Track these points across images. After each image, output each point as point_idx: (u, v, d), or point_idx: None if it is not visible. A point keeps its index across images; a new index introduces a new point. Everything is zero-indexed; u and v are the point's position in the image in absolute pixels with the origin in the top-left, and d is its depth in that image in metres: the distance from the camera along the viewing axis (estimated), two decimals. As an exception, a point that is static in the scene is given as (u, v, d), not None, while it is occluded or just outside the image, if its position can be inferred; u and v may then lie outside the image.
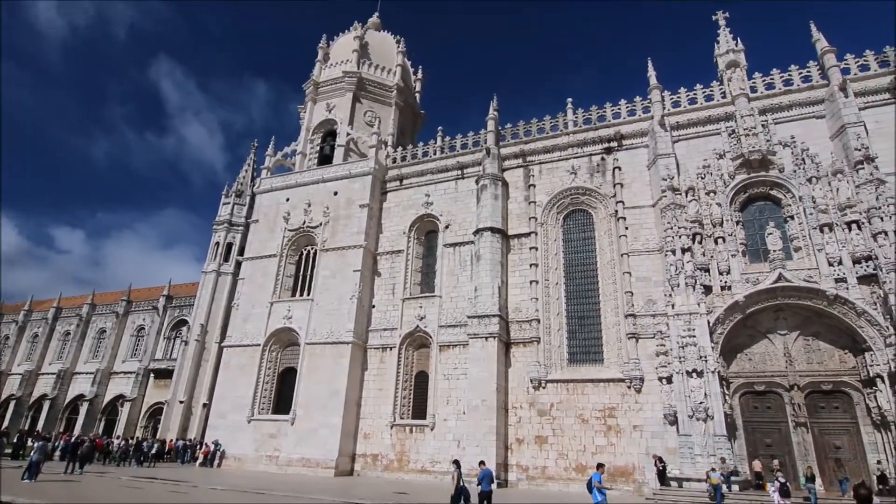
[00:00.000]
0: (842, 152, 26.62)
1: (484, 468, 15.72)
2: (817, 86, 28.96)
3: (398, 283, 34.56)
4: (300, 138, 43.43)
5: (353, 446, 31.33)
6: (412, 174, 37.87)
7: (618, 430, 26.32)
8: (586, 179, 32.36)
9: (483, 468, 15.76)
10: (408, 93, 47.08)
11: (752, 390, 25.67)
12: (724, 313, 25.27)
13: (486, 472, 15.45)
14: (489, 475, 15.38)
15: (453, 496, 14.81)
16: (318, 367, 32.54)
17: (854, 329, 23.70)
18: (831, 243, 25.00)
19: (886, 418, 22.29)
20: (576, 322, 29.95)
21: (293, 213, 38.36)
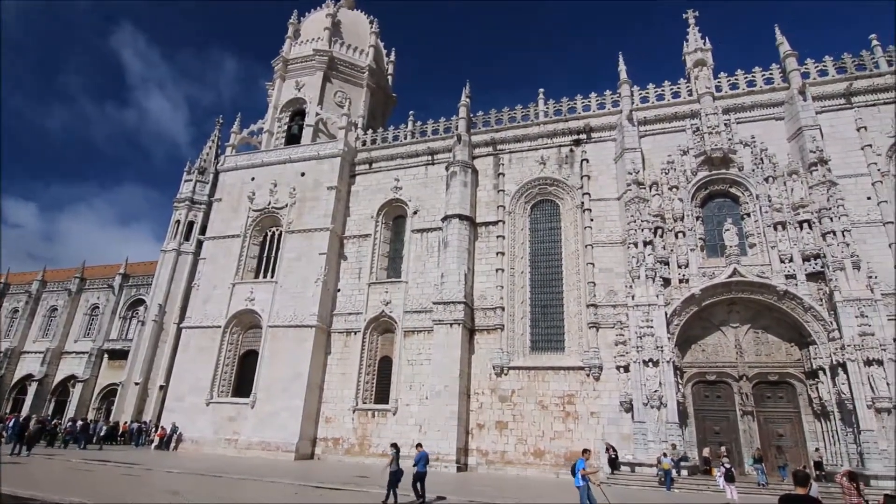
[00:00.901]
0: (798, 154, 27.67)
1: (420, 450, 16.29)
2: (778, 88, 29.91)
3: (364, 268, 34.35)
4: (267, 116, 42.36)
5: (315, 430, 31.23)
6: (382, 158, 37.51)
7: (576, 417, 27.03)
8: (555, 170, 32.71)
9: (419, 450, 16.31)
10: (380, 75, 46.40)
11: (704, 380, 26.72)
12: (681, 305, 26.12)
13: (423, 454, 16.02)
14: (425, 457, 15.97)
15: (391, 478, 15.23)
16: (281, 351, 32.18)
17: (801, 323, 24.87)
18: (784, 241, 26.06)
19: (826, 408, 23.59)
20: (539, 310, 30.45)
21: (258, 193, 37.52)
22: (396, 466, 15.28)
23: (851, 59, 29.43)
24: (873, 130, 27.39)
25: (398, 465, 15.37)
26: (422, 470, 15.60)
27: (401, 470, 15.36)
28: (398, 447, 16.15)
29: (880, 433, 21.23)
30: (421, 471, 15.57)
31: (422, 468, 15.63)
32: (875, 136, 27.25)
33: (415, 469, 15.65)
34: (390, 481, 15.07)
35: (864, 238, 25.25)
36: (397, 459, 15.43)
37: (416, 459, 15.86)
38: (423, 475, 15.61)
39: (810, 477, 7.20)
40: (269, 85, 44.96)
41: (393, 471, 15.22)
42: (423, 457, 15.88)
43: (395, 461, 15.35)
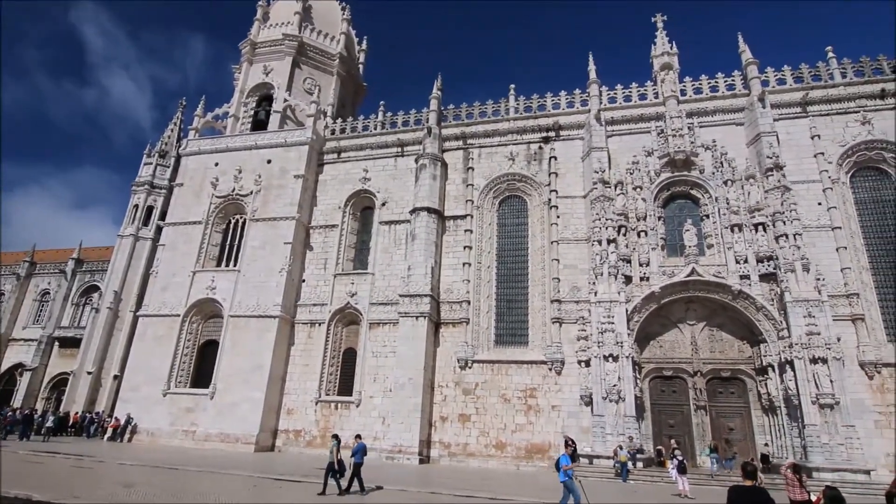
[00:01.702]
0: (755, 159, 28.70)
1: (359, 441, 16.57)
2: (739, 94, 30.91)
3: (331, 258, 33.97)
4: (233, 100, 41.21)
5: (276, 422, 30.83)
6: (351, 148, 37.07)
7: (537, 410, 27.51)
8: (523, 166, 33.01)
9: (358, 441, 16.58)
10: (351, 63, 45.75)
11: (661, 375, 27.59)
12: (642, 302, 26.84)
13: (360, 445, 16.35)
14: (363, 449, 16.37)
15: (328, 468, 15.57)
16: (243, 341, 31.57)
17: (753, 322, 25.92)
18: (740, 242, 27.05)
19: (774, 404, 24.71)
20: (504, 305, 30.78)
21: (222, 179, 36.55)
22: (338, 457, 15.63)
23: (808, 70, 30.63)
24: (826, 139, 28.63)
25: (339, 455, 15.70)
26: (359, 461, 16.00)
27: (341, 461, 15.71)
28: (339, 438, 16.43)
29: (823, 428, 22.38)
30: (358, 462, 15.98)
31: (359, 459, 16.03)
32: (827, 144, 28.50)
33: (352, 460, 15.99)
34: (330, 472, 15.46)
35: (813, 242, 26.44)
36: (338, 451, 15.76)
37: (354, 451, 16.20)
38: (360, 466, 16.02)
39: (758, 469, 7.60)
40: (235, 68, 43.73)
41: (333, 462, 15.57)
42: (360, 448, 16.27)
43: (336, 452, 15.68)
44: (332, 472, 15.48)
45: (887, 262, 26.56)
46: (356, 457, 16.06)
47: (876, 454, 22.85)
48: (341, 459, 15.72)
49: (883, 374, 24.28)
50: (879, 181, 28.19)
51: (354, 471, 15.85)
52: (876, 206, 27.73)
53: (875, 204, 27.80)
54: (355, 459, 16.00)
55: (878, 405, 23.92)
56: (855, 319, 25.08)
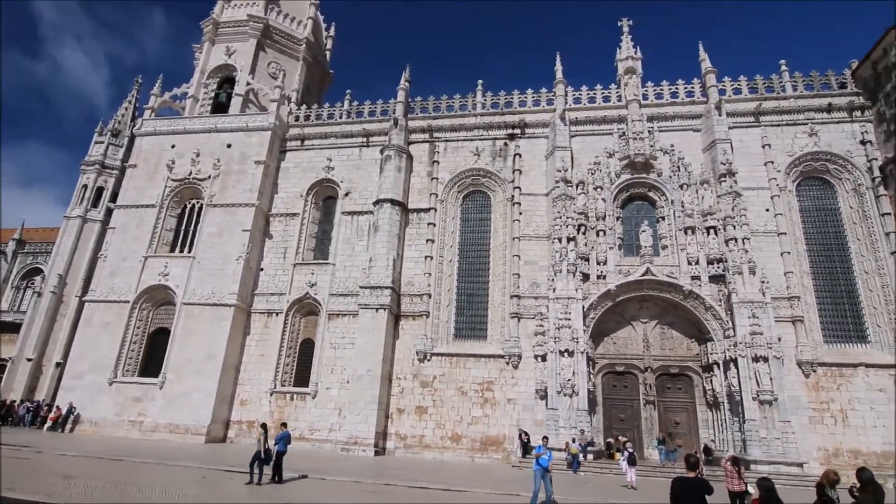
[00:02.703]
0: (710, 164, 29.78)
1: (283, 430, 16.76)
2: (698, 102, 31.95)
3: (290, 248, 33.38)
4: (193, 81, 39.82)
5: (229, 413, 30.19)
6: (315, 136, 36.45)
7: (493, 403, 27.89)
8: (488, 162, 33.23)
9: (283, 430, 16.78)
10: (318, 49, 44.89)
11: (613, 371, 28.40)
12: (598, 300, 27.53)
13: (285, 433, 16.56)
14: (286, 437, 16.55)
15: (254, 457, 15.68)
16: (196, 329, 30.71)
17: (702, 321, 26.98)
18: (692, 244, 28.05)
19: (718, 399, 25.84)
20: (465, 299, 31.01)
21: (178, 162, 35.32)
22: (265, 446, 15.70)
23: (763, 81, 31.93)
24: (776, 148, 29.97)
25: (266, 444, 15.77)
26: (281, 449, 16.10)
27: (268, 450, 15.80)
28: (266, 427, 16.44)
29: (761, 423, 23.55)
30: (281, 450, 16.06)
31: (282, 448, 16.11)
32: (777, 153, 29.84)
33: (275, 448, 16.02)
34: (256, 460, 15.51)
35: (760, 246, 27.69)
36: (265, 440, 15.79)
37: (278, 439, 16.28)
38: (283, 454, 16.12)
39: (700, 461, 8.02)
40: (196, 48, 42.28)
41: (259, 450, 15.68)
42: (284, 436, 16.42)
43: (262, 441, 15.72)
44: (258, 461, 15.52)
45: (826, 267, 28.11)
46: (279, 445, 16.13)
47: (809, 448, 24.23)
48: (269, 448, 15.80)
49: (818, 373, 25.74)
50: (823, 191, 29.73)
51: (276, 459, 15.91)
52: (818, 215, 29.26)
53: (818, 212, 29.33)
54: (278, 448, 16.06)
55: (813, 402, 25.36)
56: (795, 321, 26.46)
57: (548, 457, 14.15)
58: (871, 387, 25.16)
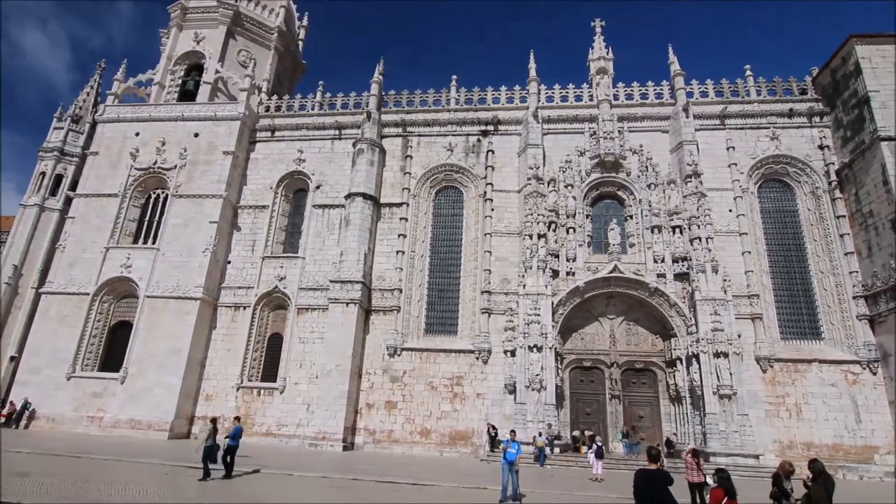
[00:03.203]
0: (677, 165, 30.50)
1: (237, 424, 16.69)
2: (666, 103, 32.66)
3: (259, 240, 32.81)
4: (159, 67, 38.63)
5: (193, 408, 29.58)
6: (286, 127, 35.84)
7: (463, 398, 28.06)
8: (461, 158, 33.28)
9: (236, 424, 16.73)
10: (290, 39, 44.05)
11: (580, 366, 28.91)
12: (567, 296, 27.95)
13: (237, 428, 16.45)
14: (239, 432, 16.44)
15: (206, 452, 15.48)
16: (160, 323, 29.92)
17: (666, 318, 27.68)
18: (659, 243, 28.73)
19: (680, 394, 26.59)
20: (436, 294, 31.07)
21: (143, 151, 34.25)
22: (213, 441, 15.53)
23: (728, 85, 32.84)
24: (739, 151, 30.89)
25: (214, 439, 15.61)
26: (233, 444, 15.93)
27: (217, 444, 15.61)
28: (216, 422, 16.34)
29: (721, 416, 24.35)
30: (232, 445, 15.90)
31: (232, 442, 15.95)
32: (740, 156, 30.76)
33: (226, 442, 15.86)
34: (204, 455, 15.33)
35: (723, 245, 28.54)
36: (214, 434, 15.64)
37: (232, 433, 16.16)
38: (234, 448, 15.94)
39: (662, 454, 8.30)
40: (163, 33, 40.96)
41: (208, 445, 15.48)
42: (236, 431, 16.29)
43: (212, 436, 15.56)
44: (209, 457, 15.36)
45: (784, 267, 29.19)
46: (230, 440, 15.95)
47: (765, 441, 25.18)
48: (218, 444, 15.64)
49: (775, 368, 26.74)
50: (783, 193, 30.81)
51: (227, 452, 15.73)
52: (778, 216, 30.32)
53: (778, 213, 30.39)
54: (229, 442, 15.87)
55: (770, 396, 26.35)
56: (754, 318, 27.39)
57: (515, 450, 14.33)
58: (824, 382, 26.28)
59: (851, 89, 28.99)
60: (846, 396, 25.88)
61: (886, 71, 28.05)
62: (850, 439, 25.27)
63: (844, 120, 29.49)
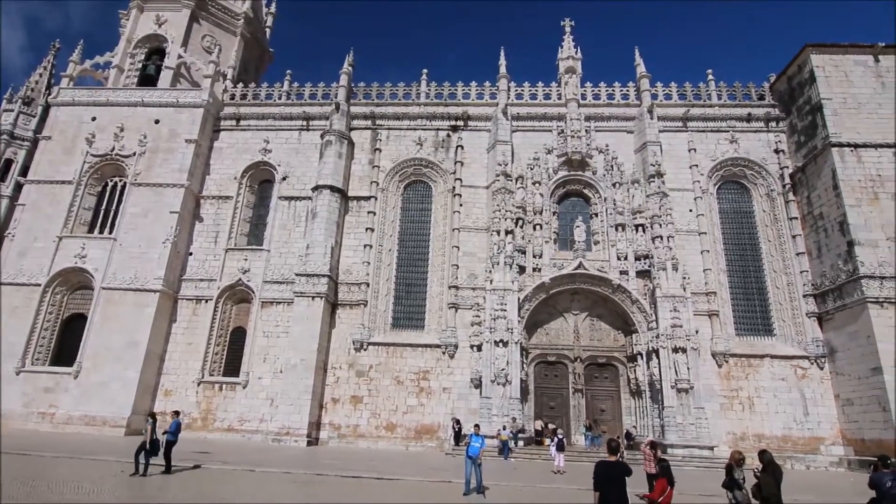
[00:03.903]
0: (641, 165, 31.24)
1: (175, 419, 16.51)
2: (632, 104, 33.36)
3: (223, 232, 32.03)
4: (118, 50, 37.14)
5: (151, 404, 28.72)
6: (252, 116, 35.03)
7: (429, 392, 28.17)
8: (431, 153, 33.25)
9: (175, 418, 16.53)
10: (257, 25, 43.01)
11: (545, 360, 29.40)
12: (533, 292, 28.34)
13: (176, 422, 16.29)
14: (178, 426, 16.26)
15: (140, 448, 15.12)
16: (116, 316, 28.92)
17: (628, 314, 28.39)
18: (622, 241, 29.40)
19: (640, 388, 27.36)
20: (403, 289, 31.04)
21: (100, 137, 32.92)
22: (153, 437, 15.14)
23: (691, 89, 33.78)
24: (700, 153, 31.85)
25: (154, 435, 15.20)
26: (171, 439, 15.73)
27: (157, 440, 15.25)
28: (155, 417, 15.80)
29: (678, 409, 25.18)
30: (171, 440, 15.70)
31: (171, 437, 15.75)
32: (701, 158, 31.73)
33: (164, 437, 15.59)
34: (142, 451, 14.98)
35: (683, 244, 29.43)
36: (154, 430, 15.21)
37: (171, 428, 15.94)
38: (173, 443, 15.77)
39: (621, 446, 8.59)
40: (123, 14, 39.39)
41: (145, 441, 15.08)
42: (175, 425, 16.13)
43: (151, 432, 15.16)
44: (143, 452, 15.00)
45: (740, 266, 30.32)
46: (169, 434, 15.70)
47: (720, 433, 26.18)
48: (157, 439, 15.22)
49: (730, 363, 27.80)
50: (740, 194, 31.96)
51: (166, 449, 15.49)
52: (735, 216, 31.45)
53: (735, 214, 31.52)
54: (168, 437, 15.62)
55: (724, 390, 27.39)
56: (711, 315, 28.40)
57: (479, 444, 14.50)
58: (775, 376, 27.48)
59: (806, 96, 30.23)
60: (795, 390, 27.13)
61: (839, 80, 29.34)
62: (798, 431, 26.53)
63: (799, 125, 30.75)
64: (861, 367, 24.95)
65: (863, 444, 24.71)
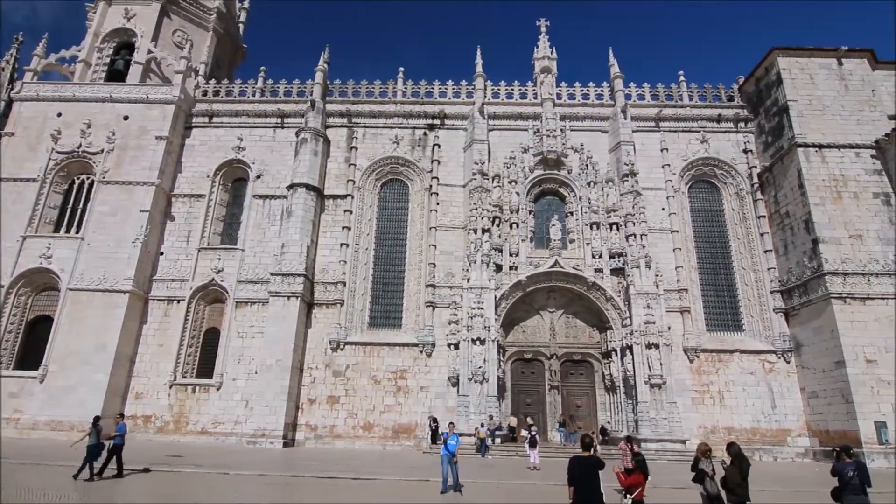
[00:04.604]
0: (615, 165, 31.70)
1: (120, 422, 16.23)
2: (606, 104, 33.82)
3: (195, 231, 31.42)
4: (85, 44, 36.09)
5: (121, 407, 28.00)
6: (225, 113, 34.41)
7: (406, 391, 28.13)
8: (407, 151, 33.17)
9: (120, 421, 16.27)
10: (230, 21, 42.25)
11: (522, 358, 29.65)
12: (509, 290, 28.54)
13: (121, 425, 16.00)
14: (124, 428, 16.01)
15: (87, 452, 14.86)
16: (84, 317, 28.14)
17: (603, 311, 28.81)
18: (597, 239, 29.81)
19: (615, 384, 27.80)
20: (380, 288, 30.92)
21: (66, 133, 31.95)
22: (96, 440, 14.90)
23: (663, 90, 34.41)
24: (672, 152, 32.48)
25: (98, 438, 14.98)
26: (118, 442, 15.44)
27: (101, 444, 15.00)
28: (98, 420, 15.66)
29: (651, 404, 25.66)
30: (118, 443, 15.41)
31: (118, 440, 15.47)
32: (673, 157, 32.36)
33: (111, 441, 15.36)
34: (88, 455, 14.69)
35: (655, 242, 29.97)
36: (97, 433, 15.02)
37: (117, 430, 15.68)
38: (121, 447, 15.46)
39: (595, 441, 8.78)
40: (90, 7, 38.29)
41: (91, 444, 14.83)
42: (121, 428, 15.80)
43: (93, 435, 14.95)
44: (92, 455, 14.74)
45: (710, 263, 31.05)
46: (116, 438, 15.40)
47: (691, 426, 26.77)
48: (102, 443, 15.00)
49: (701, 358, 28.44)
50: (710, 193, 32.70)
51: (113, 452, 15.19)
52: (706, 215, 32.17)
53: (705, 213, 32.24)
54: (115, 441, 15.32)
55: (696, 385, 28.02)
56: (683, 311, 29.02)
57: (455, 442, 14.54)
58: (744, 370, 28.23)
59: (773, 98, 31.06)
60: (763, 384, 27.91)
61: (804, 82, 30.23)
62: (766, 423, 27.30)
63: (766, 126, 31.59)
64: (825, 360, 25.79)
65: (827, 435, 25.55)
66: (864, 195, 27.52)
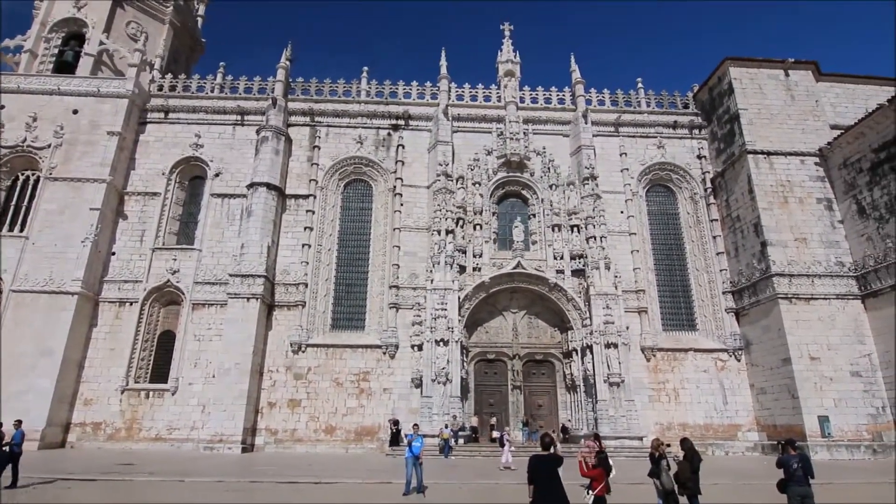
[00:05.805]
0: (576, 168, 32.36)
1: (18, 428, 15.45)
2: (568, 109, 34.49)
3: (149, 231, 30.33)
4: (30, 33, 34.35)
5: (69, 414, 26.82)
6: (182, 108, 33.35)
7: (369, 393, 27.92)
8: (371, 151, 32.95)
9: (17, 428, 15.47)
10: (188, 14, 41.00)
11: (485, 358, 29.85)
12: (473, 291, 28.70)
13: (19, 431, 15.29)
14: (21, 435, 15.29)
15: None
16: (28, 320, 26.74)
17: (564, 312, 29.33)
18: (558, 241, 30.32)
19: (575, 383, 28.34)
20: (343, 289, 30.60)
21: (9, 126, 30.34)
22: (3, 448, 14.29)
23: (623, 96, 35.35)
24: (631, 157, 33.41)
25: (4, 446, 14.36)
26: (17, 451, 14.79)
27: (4, 453, 14.34)
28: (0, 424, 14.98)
29: (610, 402, 26.26)
30: (16, 451, 14.74)
31: (17, 448, 14.81)
32: (631, 162, 33.28)
33: (7, 449, 14.57)
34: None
35: (614, 244, 30.72)
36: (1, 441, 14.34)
37: (14, 439, 14.88)
38: (19, 455, 14.80)
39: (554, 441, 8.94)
40: (36, -6, 36.40)
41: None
42: (19, 435, 15.08)
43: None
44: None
45: (666, 265, 32.09)
46: (14, 445, 14.68)
47: (648, 423, 27.54)
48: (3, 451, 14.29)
49: (657, 357, 29.33)
50: (666, 197, 33.79)
51: (13, 460, 14.45)
52: (662, 218, 33.22)
53: (662, 216, 33.29)
54: (13, 448, 14.62)
55: (653, 383, 28.88)
56: (640, 311, 29.86)
57: (419, 444, 14.53)
58: (698, 368, 29.27)
59: (725, 106, 32.34)
60: (716, 381, 29.00)
61: (754, 91, 31.59)
62: (718, 419, 28.38)
63: (719, 133, 32.87)
64: (773, 358, 27.02)
65: (775, 429, 26.76)
66: (809, 200, 28.98)
